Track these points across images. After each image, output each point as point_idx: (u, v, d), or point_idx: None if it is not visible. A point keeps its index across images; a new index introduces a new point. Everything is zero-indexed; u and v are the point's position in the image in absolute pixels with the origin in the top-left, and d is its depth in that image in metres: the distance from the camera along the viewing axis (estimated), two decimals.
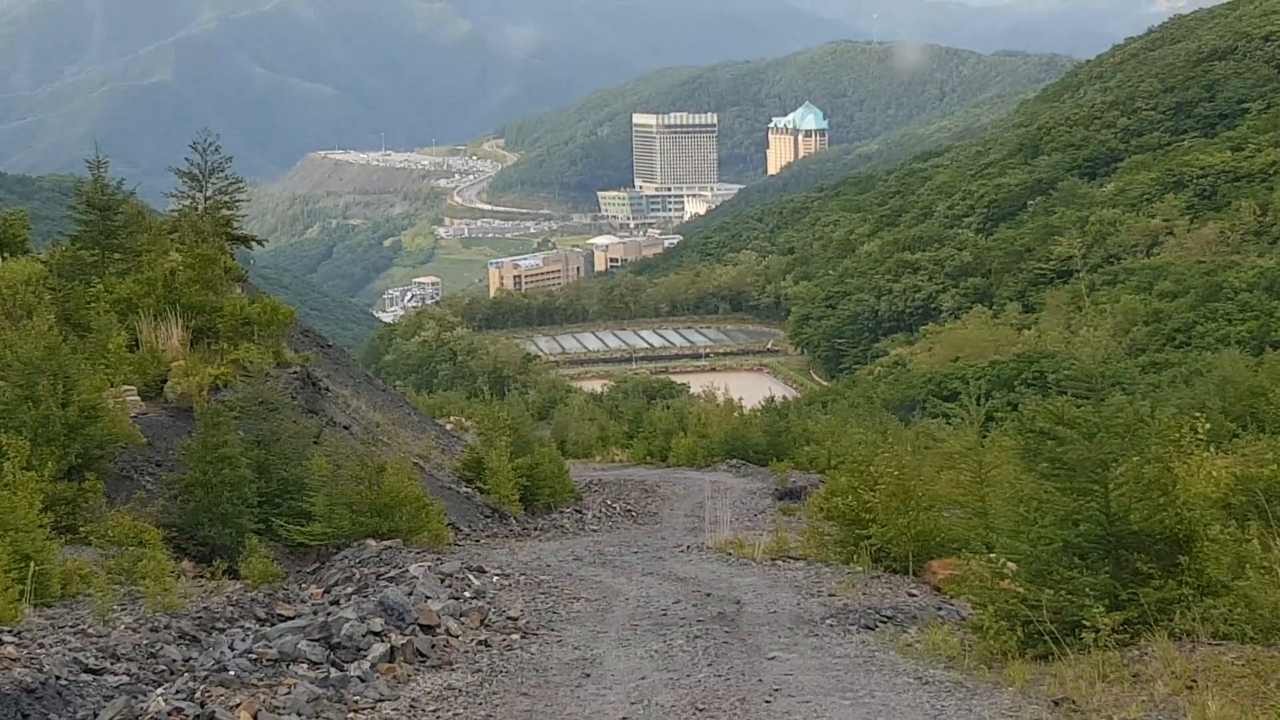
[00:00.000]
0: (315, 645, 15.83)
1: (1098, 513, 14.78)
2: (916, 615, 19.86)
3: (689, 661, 16.38)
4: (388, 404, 50.84)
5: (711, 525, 36.35)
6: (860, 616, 19.51)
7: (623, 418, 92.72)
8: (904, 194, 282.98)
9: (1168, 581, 14.52)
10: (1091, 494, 14.85)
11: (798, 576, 24.28)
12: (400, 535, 26.07)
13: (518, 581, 22.47)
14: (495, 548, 30.75)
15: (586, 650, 17.15)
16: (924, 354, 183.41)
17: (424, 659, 16.27)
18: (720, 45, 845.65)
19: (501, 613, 18.96)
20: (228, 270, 39.39)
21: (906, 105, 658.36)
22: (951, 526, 24.82)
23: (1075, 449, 14.88)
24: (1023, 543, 15.42)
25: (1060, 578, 14.89)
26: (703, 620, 19.05)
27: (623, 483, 52.92)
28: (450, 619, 17.76)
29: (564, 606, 20.42)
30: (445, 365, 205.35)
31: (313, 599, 20.57)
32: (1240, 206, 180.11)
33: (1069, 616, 14.66)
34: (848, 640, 17.92)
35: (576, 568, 25.62)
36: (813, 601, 21.12)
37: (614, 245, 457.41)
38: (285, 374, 35.73)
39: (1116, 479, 14.80)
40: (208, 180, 44.84)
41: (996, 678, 14.90)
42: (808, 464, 61.51)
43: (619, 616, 19.52)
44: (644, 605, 20.55)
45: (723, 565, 26.29)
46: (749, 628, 18.56)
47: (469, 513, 37.96)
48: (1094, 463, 14.76)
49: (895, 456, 25.73)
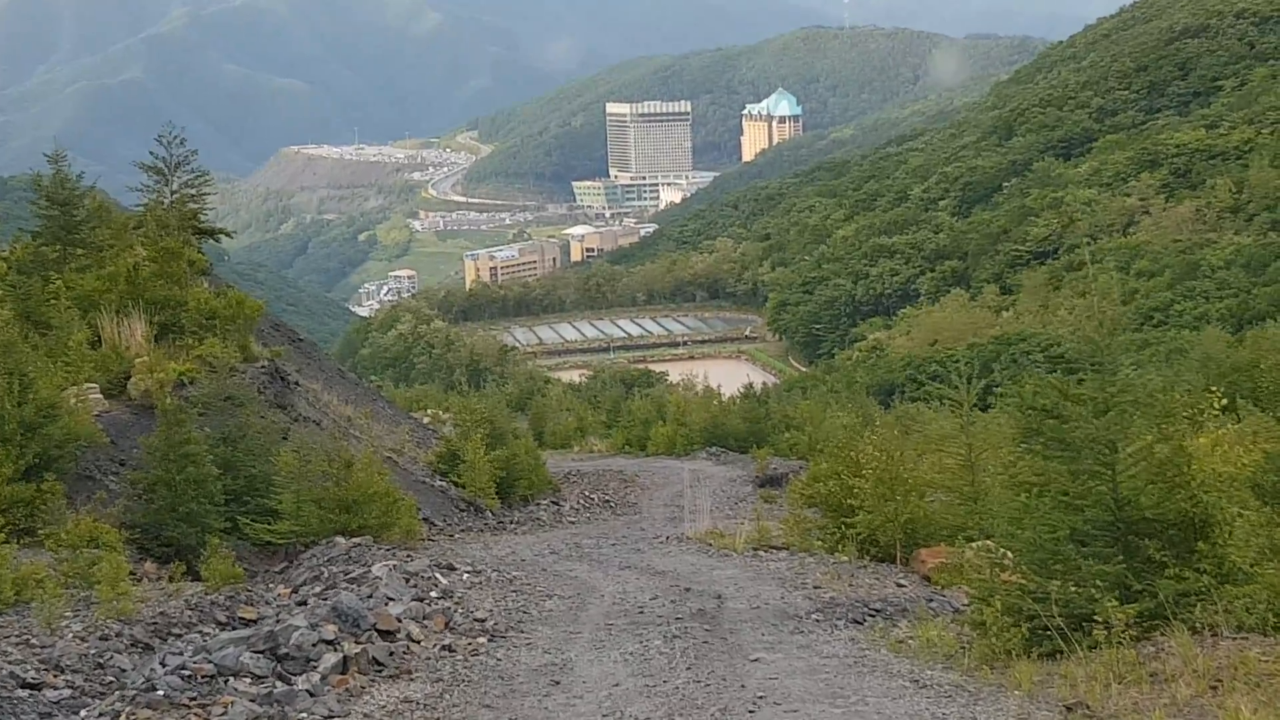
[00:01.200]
0: (259, 657, 14.75)
1: (1106, 496, 13.67)
2: (907, 608, 18.89)
3: (666, 665, 15.44)
4: (361, 398, 50.10)
5: (691, 515, 35.68)
6: (848, 610, 18.62)
7: (601, 407, 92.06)
8: (879, 178, 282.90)
9: (1185, 570, 13.36)
10: (1099, 476, 13.76)
11: (781, 568, 23.43)
12: (371, 532, 25.31)
13: (488, 579, 21.57)
14: (469, 542, 30.02)
15: (557, 654, 16.19)
16: (902, 338, 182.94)
17: (380, 668, 15.27)
18: (692, 33, 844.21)
19: (469, 614, 18.05)
20: (192, 264, 38.55)
21: (880, 90, 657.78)
22: (940, 513, 23.91)
23: (1081, 427, 13.80)
24: (1025, 530, 14.29)
25: (1066, 567, 13.80)
26: (681, 618, 18.12)
27: (601, 473, 52.19)
28: (412, 623, 16.82)
29: (536, 605, 19.53)
30: (422, 358, 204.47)
31: (279, 600, 19.83)
32: (1215, 184, 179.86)
33: (1077, 610, 13.50)
34: (835, 637, 17.00)
35: (551, 562, 24.84)
36: (797, 595, 20.22)
37: (590, 235, 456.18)
38: (252, 369, 34.97)
39: (1126, 459, 13.72)
40: (173, 174, 44.26)
41: (1000, 679, 13.80)
42: (788, 450, 60.91)
43: (593, 615, 18.58)
44: (620, 602, 19.68)
45: (703, 557, 25.48)
46: (730, 625, 17.65)
47: (444, 507, 37.22)
48: (1101, 442, 13.68)
49: (882, 440, 24.77)
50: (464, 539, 31.33)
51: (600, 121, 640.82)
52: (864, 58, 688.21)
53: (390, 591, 17.79)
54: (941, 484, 24.60)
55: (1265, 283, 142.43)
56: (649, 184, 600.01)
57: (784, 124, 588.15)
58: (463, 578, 21.06)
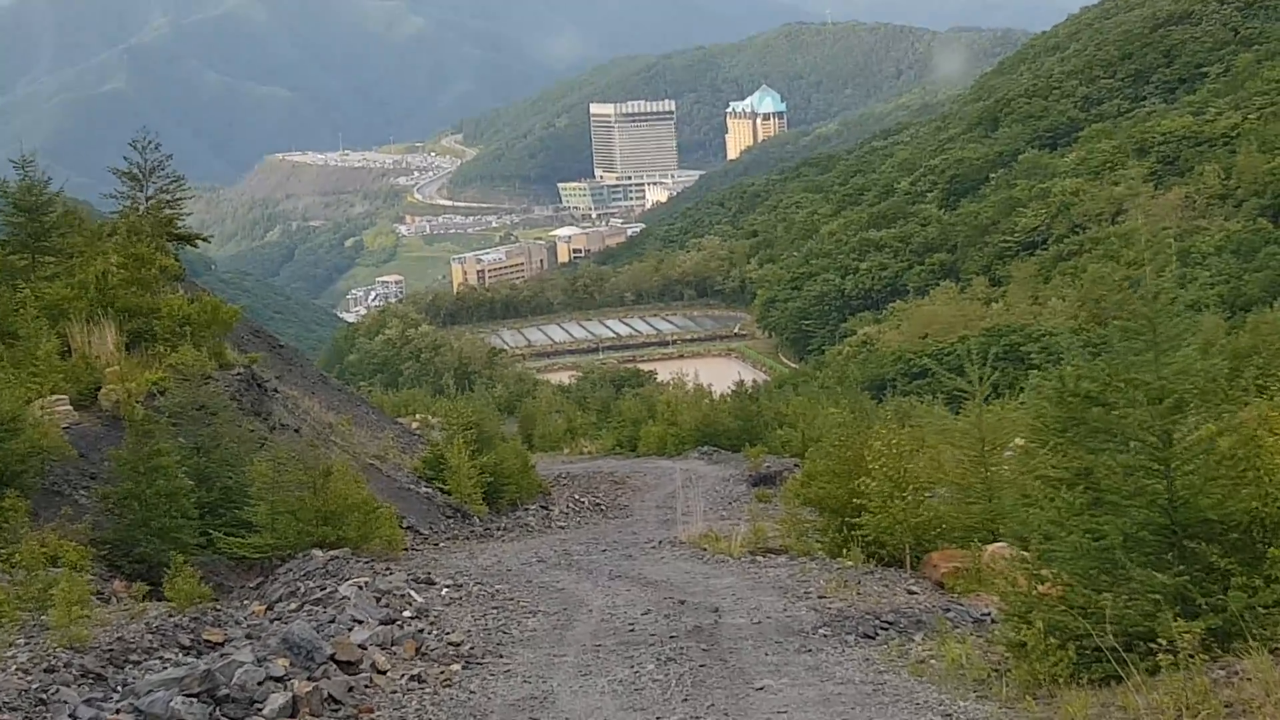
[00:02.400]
0: (194, 702, 13.02)
1: (1161, 495, 12.03)
2: (922, 619, 17.44)
3: (660, 696, 13.98)
4: (344, 404, 49.11)
5: (684, 517, 34.55)
6: (857, 624, 17.13)
7: (590, 409, 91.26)
8: (865, 172, 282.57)
9: (1255, 579, 11.49)
10: (1152, 471, 12.12)
11: (781, 575, 22.07)
12: (350, 543, 24.23)
13: (469, 593, 20.38)
14: (454, 551, 28.96)
15: (538, 684, 14.66)
16: (892, 332, 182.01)
17: (337, 707, 13.61)
18: (674, 32, 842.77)
19: (443, 636, 16.68)
20: (164, 270, 37.47)
21: (863, 85, 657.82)
22: (952, 514, 22.41)
23: (1132, 415, 12.23)
24: (1068, 534, 12.46)
25: (1115, 578, 12.02)
26: (676, 636, 16.70)
27: (591, 475, 51.28)
28: (378, 650, 15.41)
29: (518, 624, 18.18)
30: (410, 363, 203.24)
31: (252, 618, 18.76)
32: (1204, 171, 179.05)
33: (1133, 627, 11.77)
34: (847, 657, 15.53)
35: (538, 572, 23.71)
36: (801, 606, 18.79)
37: (577, 236, 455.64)
38: (228, 376, 33.89)
39: (1183, 452, 12.07)
40: (148, 179, 43.58)
41: (1049, 712, 11.79)
42: (781, 448, 60.07)
43: (580, 634, 17.19)
44: (609, 618, 18.34)
45: (697, 563, 24.27)
46: (730, 644, 16.24)
47: (429, 514, 36.17)
48: (1155, 432, 12.10)
49: (889, 436, 23.30)
50: (449, 548, 30.23)
51: (585, 122, 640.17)
52: (847, 53, 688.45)
53: (358, 613, 16.54)
54: (949, 481, 23.27)
55: (1256, 268, 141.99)
56: (635, 184, 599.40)
57: (768, 121, 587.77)
58: (441, 593, 19.90)
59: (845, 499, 23.90)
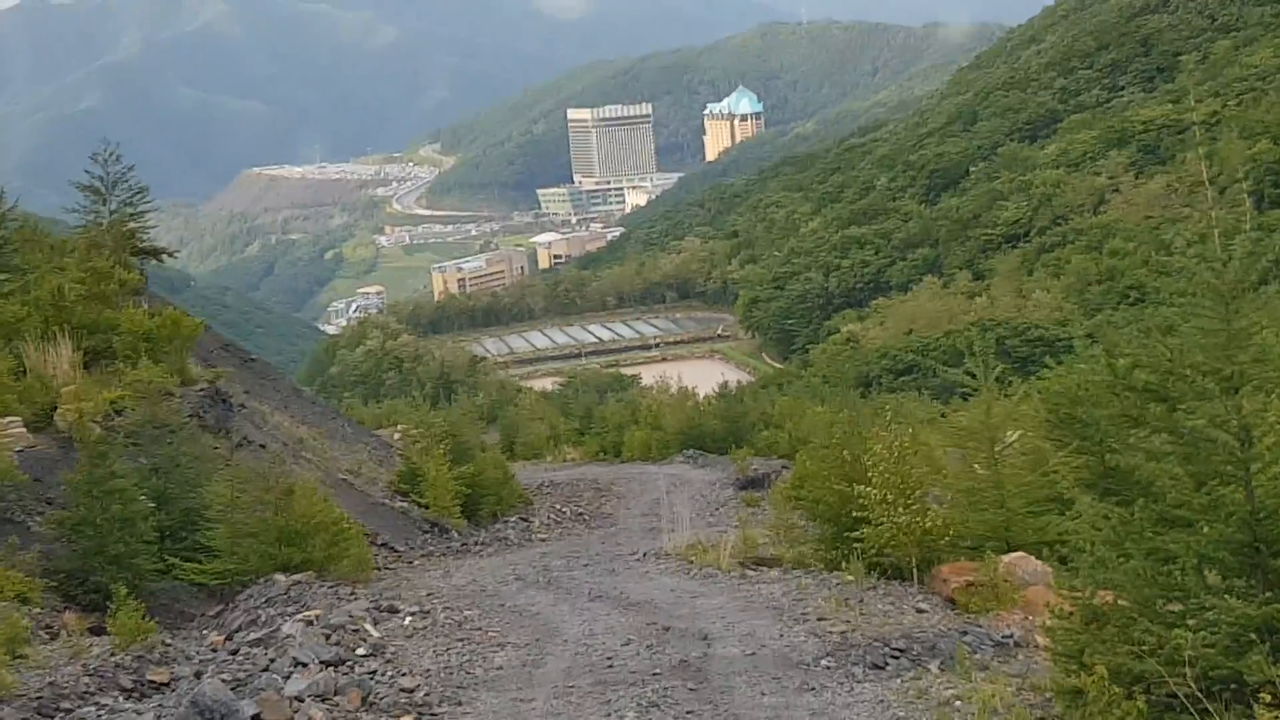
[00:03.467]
0: None
1: (1241, 507, 9.73)
2: (936, 645, 15.58)
3: None
4: (318, 418, 47.76)
5: (670, 525, 33.24)
6: (865, 652, 15.29)
7: (574, 414, 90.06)
8: (844, 170, 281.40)
9: None
10: (1230, 478, 9.81)
11: (775, 592, 20.29)
12: (315, 566, 22.85)
13: (435, 622, 18.84)
14: (429, 570, 27.60)
15: None
16: (876, 329, 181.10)
17: None
18: (649, 35, 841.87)
19: (396, 681, 14.85)
20: (123, 284, 36.12)
21: (840, 83, 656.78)
22: (963, 522, 20.24)
23: (1202, 411, 10.03)
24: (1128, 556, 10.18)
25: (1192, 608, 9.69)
26: (660, 673, 14.89)
27: (574, 483, 50.02)
28: (316, 705, 13.47)
29: (483, 660, 16.41)
30: (391, 374, 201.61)
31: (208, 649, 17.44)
32: (1185, 159, 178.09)
33: (1214, 669, 9.51)
34: (857, 697, 13.60)
35: (514, 592, 22.23)
36: (799, 631, 16.97)
37: (557, 242, 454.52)
38: (190, 393, 32.53)
39: (1267, 454, 9.77)
40: (111, 193, 42.62)
41: None
42: (767, 449, 59.13)
43: (552, 673, 15.34)
44: (586, 650, 16.60)
45: (684, 578, 22.73)
46: (721, 681, 14.49)
47: (405, 530, 34.86)
48: (1230, 431, 9.88)
49: (890, 438, 21.04)
50: (424, 566, 28.89)
51: (562, 128, 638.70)
52: (822, 52, 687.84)
53: (302, 654, 14.86)
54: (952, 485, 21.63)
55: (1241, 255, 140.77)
56: (614, 188, 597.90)
57: (746, 122, 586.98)
58: (404, 622, 18.36)
59: (840, 505, 22.09)
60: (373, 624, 17.55)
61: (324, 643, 15.81)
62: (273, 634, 16.11)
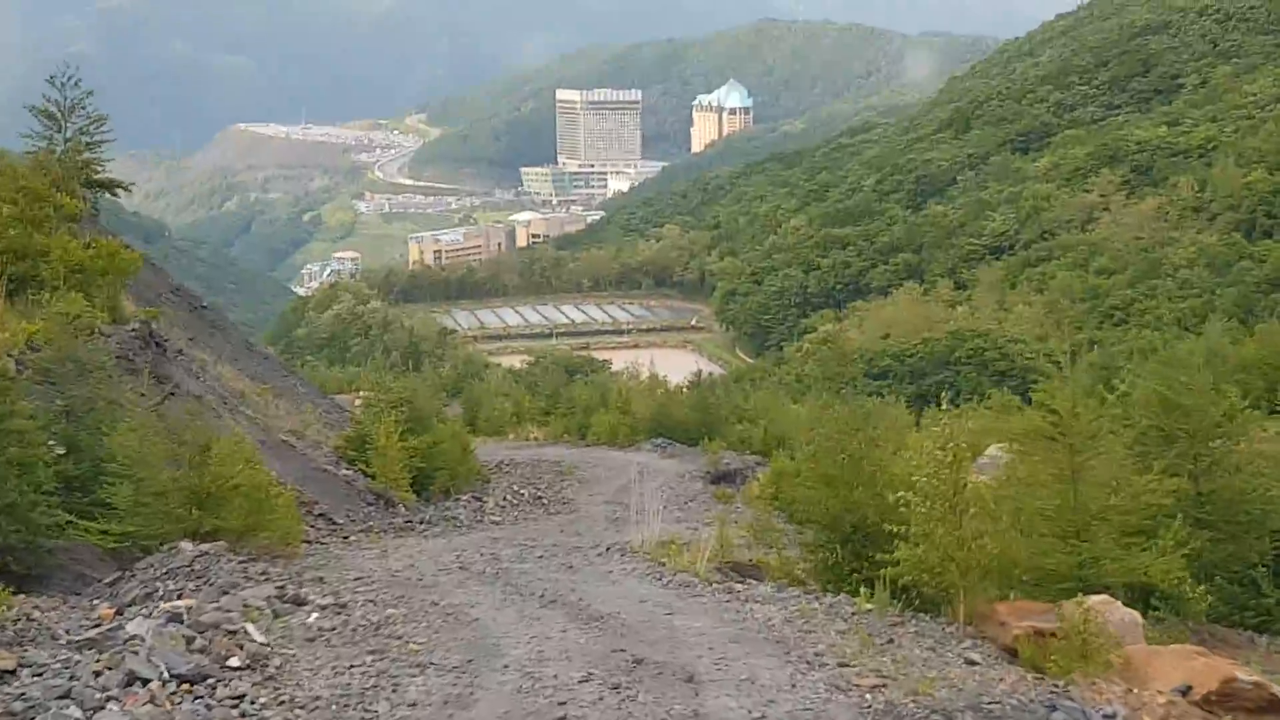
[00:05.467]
0: None
1: None
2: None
3: None
4: (269, 374, 44.89)
5: (637, 516, 30.28)
6: None
7: (540, 393, 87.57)
8: (831, 169, 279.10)
9: None
10: None
11: (773, 618, 16.48)
12: (231, 535, 19.88)
13: (348, 622, 15.56)
14: (366, 547, 24.60)
15: None
16: (854, 331, 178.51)
17: None
18: (645, 22, 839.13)
19: (260, 717, 11.29)
20: (59, 209, 33.12)
21: (832, 84, 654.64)
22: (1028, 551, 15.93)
23: None
24: None
25: None
26: None
27: (535, 464, 47.23)
28: None
29: (394, 688, 12.84)
30: (359, 339, 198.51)
31: (89, 626, 14.48)
32: (1178, 182, 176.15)
33: None
34: None
35: (454, 585, 19.01)
36: (817, 680, 13.13)
37: (536, 221, 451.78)
38: (121, 332, 29.56)
39: None
40: (67, 119, 40.03)
41: None
42: (740, 444, 56.62)
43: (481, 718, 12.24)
44: (530, 686, 12.93)
45: (655, 586, 19.43)
46: None
47: (348, 500, 31.97)
48: None
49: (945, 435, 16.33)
50: (360, 543, 25.87)
51: (550, 109, 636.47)
52: (816, 52, 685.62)
53: (144, 666, 11.40)
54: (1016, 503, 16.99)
55: (1229, 283, 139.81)
56: (597, 172, 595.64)
57: (734, 116, 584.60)
58: (308, 620, 15.10)
59: (841, 511, 18.85)
60: (272, 616, 14.45)
61: (184, 648, 12.23)
62: (112, 633, 12.59)
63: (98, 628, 12.96)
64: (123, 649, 11.95)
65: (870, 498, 18.47)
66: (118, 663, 11.38)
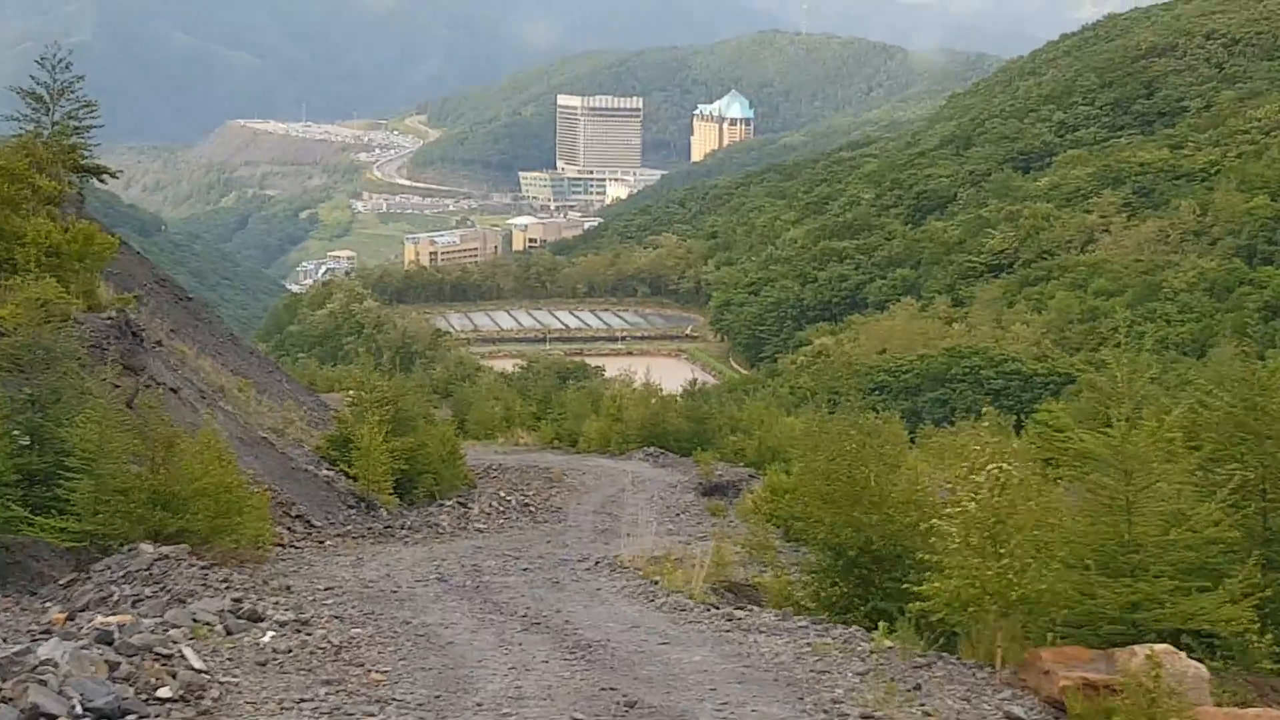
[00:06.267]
0: None
1: None
2: None
3: None
4: (252, 369, 43.71)
5: (628, 528, 29.10)
6: None
7: (532, 397, 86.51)
8: (831, 182, 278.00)
9: None
10: None
11: (781, 653, 14.80)
12: (195, 538, 18.66)
13: (306, 643, 14.03)
14: (342, 553, 23.40)
15: None
16: (849, 344, 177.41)
17: None
18: (648, 30, 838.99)
19: None
20: (38, 190, 31.92)
21: (833, 98, 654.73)
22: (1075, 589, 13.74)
23: None
24: None
25: None
26: None
27: (524, 469, 46.03)
28: None
29: None
30: (351, 338, 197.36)
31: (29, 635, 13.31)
32: (1180, 206, 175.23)
33: None
34: None
35: (430, 599, 17.72)
36: None
37: (533, 225, 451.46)
38: (96, 319, 28.32)
39: None
40: (55, 102, 38.90)
41: None
42: (734, 455, 55.57)
43: None
44: None
45: (648, 608, 18.02)
46: None
47: (328, 502, 30.78)
48: None
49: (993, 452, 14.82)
50: (336, 548, 24.64)
51: (551, 113, 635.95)
52: (818, 65, 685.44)
53: (50, 700, 9.71)
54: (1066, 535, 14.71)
55: (1229, 308, 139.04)
56: (596, 178, 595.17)
57: (735, 126, 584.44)
58: (261, 641, 13.61)
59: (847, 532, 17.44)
60: (223, 634, 13.16)
61: (106, 676, 10.67)
62: (22, 656, 11.03)
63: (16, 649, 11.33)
64: (29, 678, 10.40)
65: (879, 519, 17.08)
66: (21, 693, 9.92)
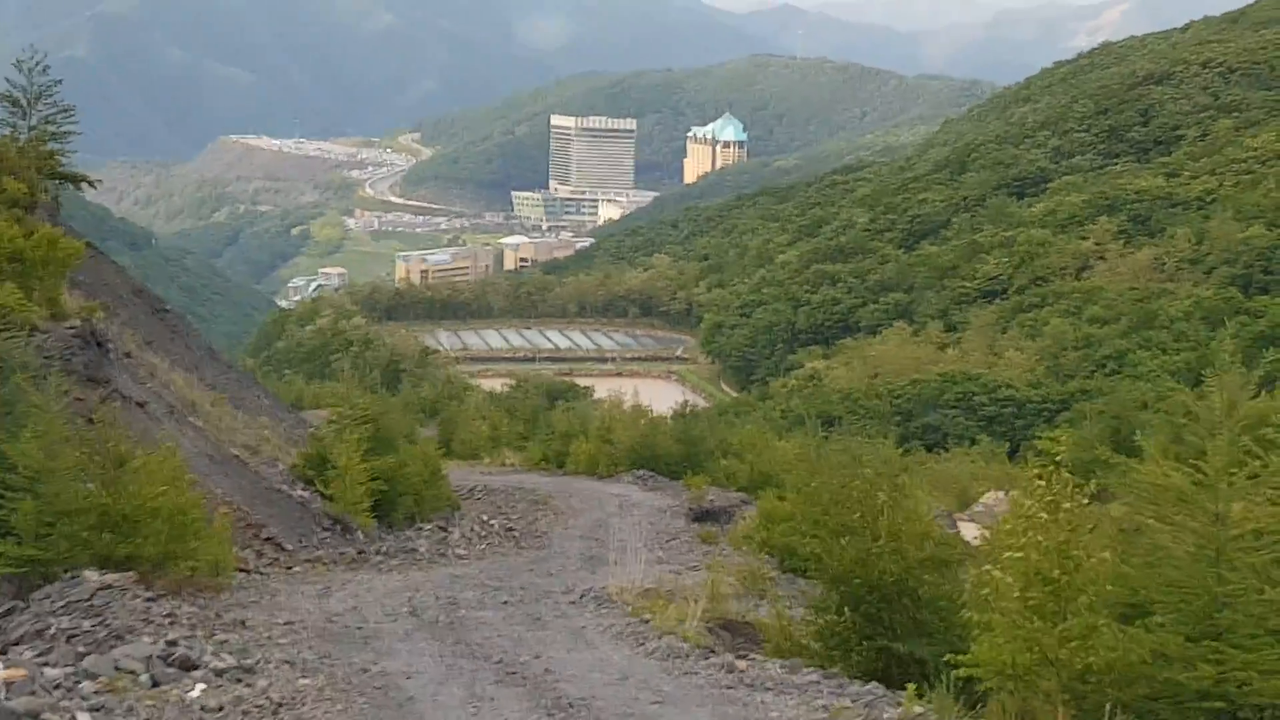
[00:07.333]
0: None
1: None
2: None
3: None
4: (229, 384, 42.22)
5: (616, 555, 27.63)
6: None
7: (519, 417, 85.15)
8: (824, 205, 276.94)
9: None
10: None
11: (792, 716, 12.95)
12: (146, 564, 17.17)
13: (238, 703, 12.15)
14: (309, 581, 21.88)
15: None
16: (841, 369, 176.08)
17: None
18: (643, 52, 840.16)
19: None
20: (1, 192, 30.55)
21: (827, 122, 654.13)
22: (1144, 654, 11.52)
23: None
24: None
25: None
26: None
27: (510, 491, 44.64)
28: None
29: None
30: (339, 355, 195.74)
31: None
32: (1175, 234, 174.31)
33: None
34: None
35: (397, 639, 16.13)
36: None
37: (525, 245, 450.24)
38: (60, 329, 26.88)
39: None
40: (32, 106, 37.84)
41: None
42: (726, 479, 54.15)
43: None
44: None
45: (638, 654, 16.30)
46: None
47: (301, 524, 29.28)
48: None
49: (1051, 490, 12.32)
50: (303, 575, 23.11)
51: (544, 133, 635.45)
52: (813, 89, 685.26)
53: None
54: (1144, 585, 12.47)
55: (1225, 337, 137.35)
56: (588, 199, 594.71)
57: (728, 149, 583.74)
58: (187, 697, 11.87)
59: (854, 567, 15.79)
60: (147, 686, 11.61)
61: None
62: None
63: None
64: None
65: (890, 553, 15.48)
66: None
